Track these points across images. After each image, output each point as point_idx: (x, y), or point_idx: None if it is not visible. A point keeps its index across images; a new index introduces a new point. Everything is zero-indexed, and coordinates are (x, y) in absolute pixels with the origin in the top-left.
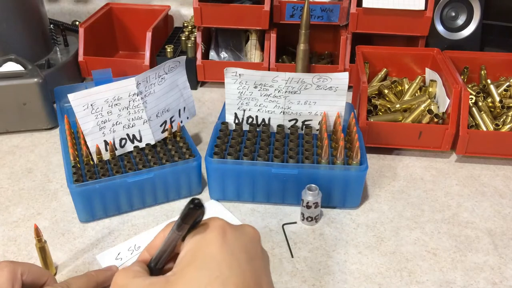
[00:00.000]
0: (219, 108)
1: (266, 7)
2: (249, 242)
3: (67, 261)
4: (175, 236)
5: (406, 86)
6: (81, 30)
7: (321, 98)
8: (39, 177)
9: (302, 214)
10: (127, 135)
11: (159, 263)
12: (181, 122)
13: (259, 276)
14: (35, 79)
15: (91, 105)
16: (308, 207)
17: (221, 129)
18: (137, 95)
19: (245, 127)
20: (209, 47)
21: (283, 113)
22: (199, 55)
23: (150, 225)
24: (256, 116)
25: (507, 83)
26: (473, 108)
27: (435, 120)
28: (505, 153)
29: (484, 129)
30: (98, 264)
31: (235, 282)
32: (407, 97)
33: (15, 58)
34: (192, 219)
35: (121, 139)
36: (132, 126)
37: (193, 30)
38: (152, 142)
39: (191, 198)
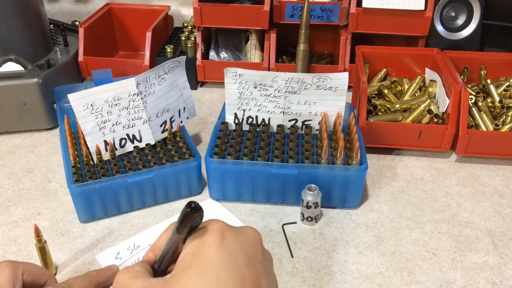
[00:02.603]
0: (219, 108)
1: (266, 7)
2: (249, 244)
3: (67, 261)
4: (176, 239)
5: (406, 86)
6: (81, 30)
7: (321, 98)
8: (39, 177)
9: (302, 214)
10: (127, 135)
11: (162, 264)
12: (181, 122)
13: (259, 279)
14: (35, 79)
15: (91, 105)
16: (308, 207)
17: (221, 129)
18: (137, 95)
19: (245, 127)
20: (209, 47)
21: (283, 113)
22: (199, 55)
23: (150, 225)
24: (256, 116)
25: (507, 83)
26: (473, 108)
27: (435, 120)
28: (505, 153)
29: (484, 129)
30: (98, 264)
31: (232, 286)
32: (407, 97)
33: (15, 58)
34: (190, 222)
35: (121, 139)
36: (132, 126)
37: (193, 30)
38: (152, 142)
39: (188, 201)
